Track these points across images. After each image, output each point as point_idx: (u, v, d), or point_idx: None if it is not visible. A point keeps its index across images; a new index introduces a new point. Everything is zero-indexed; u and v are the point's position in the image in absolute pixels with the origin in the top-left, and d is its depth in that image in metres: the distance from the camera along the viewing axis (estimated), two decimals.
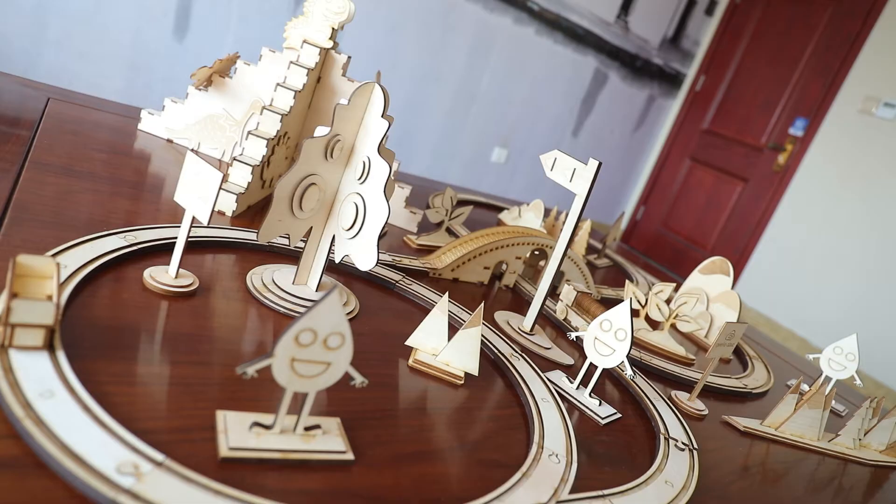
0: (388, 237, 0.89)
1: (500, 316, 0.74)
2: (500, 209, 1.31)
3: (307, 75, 0.83)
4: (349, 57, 0.90)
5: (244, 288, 0.59)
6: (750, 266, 3.70)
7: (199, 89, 0.91)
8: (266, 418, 0.40)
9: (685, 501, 0.49)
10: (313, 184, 0.55)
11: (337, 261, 0.59)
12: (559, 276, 0.91)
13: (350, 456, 0.40)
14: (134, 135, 0.92)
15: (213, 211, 0.51)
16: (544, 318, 0.81)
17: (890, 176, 3.18)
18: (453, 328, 0.64)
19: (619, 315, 0.58)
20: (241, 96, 0.91)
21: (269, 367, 0.36)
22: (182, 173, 0.53)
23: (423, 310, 0.68)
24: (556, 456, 0.48)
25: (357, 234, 0.56)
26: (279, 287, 0.59)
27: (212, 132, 0.93)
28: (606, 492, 0.46)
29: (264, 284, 0.59)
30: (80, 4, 2.20)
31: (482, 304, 0.55)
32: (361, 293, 0.67)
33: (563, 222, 1.12)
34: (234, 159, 0.75)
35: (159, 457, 0.34)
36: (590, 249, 1.29)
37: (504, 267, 0.85)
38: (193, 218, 0.52)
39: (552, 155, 0.70)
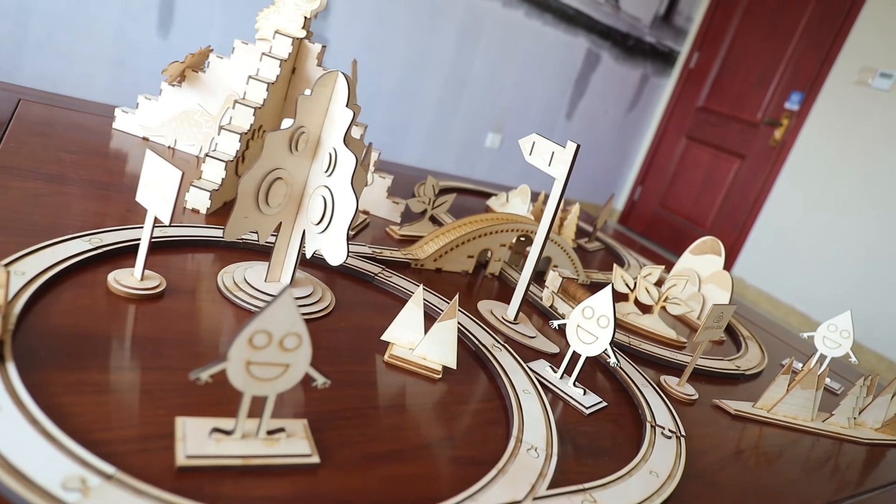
0: (371, 228, 0.88)
1: (484, 305, 0.72)
2: (489, 195, 1.29)
3: (280, 66, 0.81)
4: (324, 46, 0.88)
5: (216, 288, 0.57)
6: (749, 243, 3.68)
7: (173, 85, 0.89)
8: (227, 423, 0.38)
9: (670, 492, 0.47)
10: (279, 178, 0.54)
11: (308, 256, 0.57)
12: (546, 262, 0.89)
13: (315, 459, 0.39)
14: (109, 134, 0.90)
15: (174, 210, 0.49)
16: (530, 306, 0.80)
17: (887, 147, 3.14)
18: (434, 321, 0.62)
19: (601, 301, 0.57)
20: (216, 90, 0.89)
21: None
22: (142, 172, 0.51)
23: (404, 303, 0.67)
24: (535, 450, 0.46)
25: (326, 228, 0.54)
26: (251, 285, 0.57)
27: (188, 128, 0.91)
28: (587, 485, 0.45)
29: (235, 283, 0.57)
30: (61, 3, 2.17)
31: (457, 295, 0.54)
32: (339, 288, 0.65)
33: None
34: (207, 155, 0.74)
35: (110, 469, 0.32)
36: (581, 233, 1.27)
37: (489, 255, 0.84)
38: (156, 218, 0.50)
39: (530, 139, 0.68)
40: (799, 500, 0.56)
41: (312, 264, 0.68)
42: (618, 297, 0.86)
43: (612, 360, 0.56)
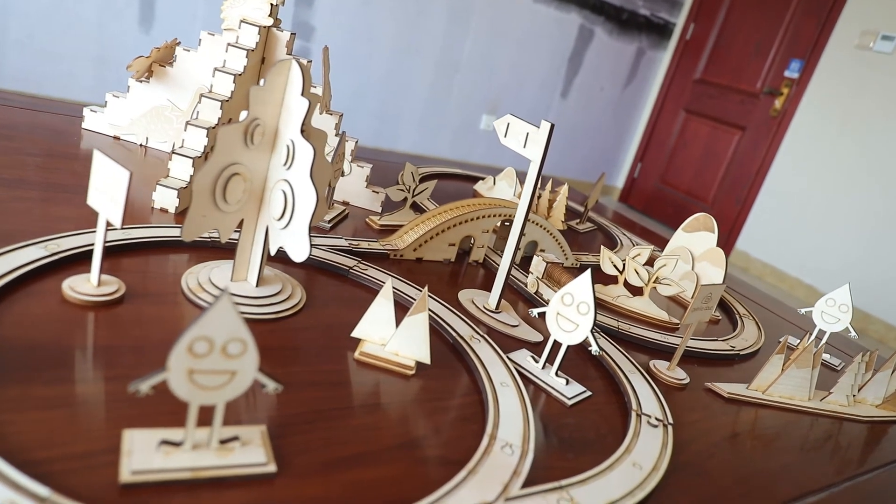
0: (351, 219, 0.85)
1: (465, 295, 0.70)
2: (478, 179, 1.27)
3: (247, 57, 0.78)
4: (293, 34, 0.85)
5: (179, 290, 0.55)
6: (752, 216, 3.63)
7: (141, 81, 0.87)
8: (176, 434, 0.36)
9: (654, 484, 0.45)
10: (236, 173, 0.51)
11: (272, 253, 0.55)
12: (532, 247, 0.87)
13: (272, 468, 0.37)
14: (78, 135, 0.88)
15: (124, 212, 0.47)
16: (516, 294, 0.78)
17: (890, 112, 3.09)
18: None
19: (580, 287, 0.54)
20: (185, 85, 0.86)
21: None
22: (91, 174, 0.49)
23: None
24: (510, 447, 0.44)
25: (288, 223, 0.52)
26: (216, 286, 0.55)
27: (158, 125, 0.88)
28: (564, 482, 0.43)
29: (200, 284, 0.55)
30: (41, 3, 2.14)
31: (426, 287, 0.52)
32: (311, 283, 0.63)
33: (540, 190, 1.07)
34: (173, 152, 0.71)
35: (44, 491, 0.31)
36: (573, 214, 1.24)
37: (472, 242, 0.81)
38: (109, 221, 0.48)
39: (504, 120, 0.65)
40: (793, 484, 0.54)
41: (285, 260, 0.66)
42: (607, 279, 0.84)
43: (594, 347, 0.54)
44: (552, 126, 0.60)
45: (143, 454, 0.35)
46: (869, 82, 3.17)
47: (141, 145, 0.90)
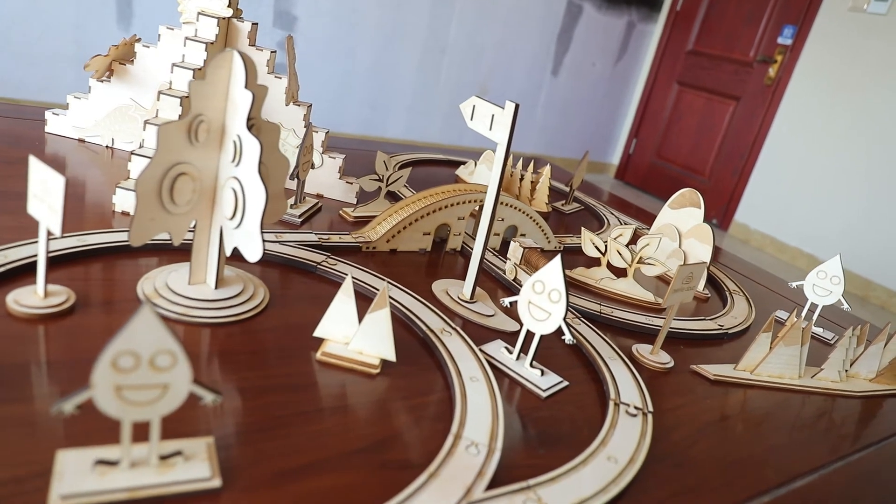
0: (325, 212, 0.83)
1: (439, 286, 0.68)
2: (460, 164, 1.24)
3: (206, 50, 0.76)
4: (254, 24, 0.82)
5: (135, 297, 0.53)
6: (750, 187, 3.59)
7: (102, 81, 0.84)
8: (112, 452, 0.35)
9: (629, 479, 0.43)
10: (183, 173, 0.49)
11: (228, 254, 0.53)
12: (512, 232, 0.84)
13: (216, 482, 0.35)
14: (41, 140, 0.85)
15: (64, 220, 0.45)
16: (494, 281, 0.75)
17: (886, 75, 3.04)
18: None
19: (551, 274, 0.52)
20: (147, 82, 0.84)
21: None
22: (29, 181, 0.47)
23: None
24: (476, 446, 0.42)
25: (241, 222, 0.50)
26: (173, 291, 0.53)
27: (123, 125, 0.86)
28: (533, 481, 0.41)
29: (156, 290, 0.53)
30: (14, 5, 2.11)
31: (385, 284, 0.49)
32: (277, 282, 0.61)
33: (522, 171, 1.05)
34: (133, 153, 0.69)
35: None
36: (559, 195, 1.22)
37: (449, 230, 0.79)
38: (50, 230, 0.46)
39: (470, 102, 0.62)
40: (780, 469, 0.52)
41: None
42: (590, 261, 0.81)
43: (568, 336, 0.52)
44: (517, 106, 0.57)
45: (76, 476, 0.33)
46: (864, 45, 3.12)
47: (107, 147, 0.87)
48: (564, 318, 0.51)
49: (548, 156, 3.85)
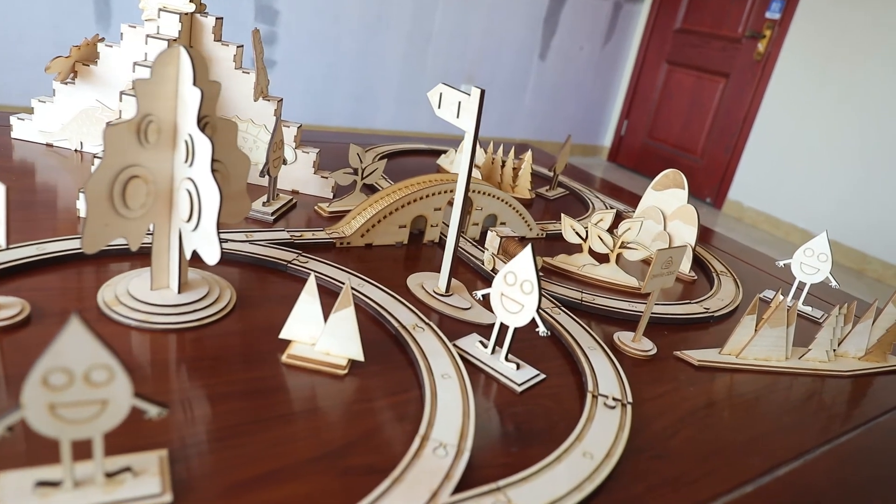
0: (301, 208, 0.81)
1: (415, 279, 0.66)
2: (441, 153, 1.22)
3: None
4: (219, 18, 0.80)
5: (95, 306, 0.51)
6: (742, 164, 3.57)
7: (66, 83, 0.82)
8: (54, 472, 0.33)
9: (605, 475, 0.42)
10: (135, 176, 0.47)
11: (188, 257, 0.51)
12: (492, 222, 0.83)
13: (167, 498, 0.34)
14: (8, 145, 0.83)
15: (8, 230, 0.43)
16: (473, 273, 0.74)
17: (874, 47, 3.01)
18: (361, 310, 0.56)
19: (522, 265, 0.51)
20: (112, 83, 0.82)
21: None
22: None
23: (324, 290, 0.61)
24: (444, 447, 0.41)
25: (197, 224, 0.48)
26: (134, 297, 0.52)
27: (91, 128, 0.84)
28: (503, 482, 0.39)
29: (117, 297, 0.52)
30: None
31: (348, 281, 0.48)
32: (246, 283, 0.60)
33: (503, 158, 1.03)
34: (95, 156, 0.67)
35: None
36: (544, 181, 1.20)
37: (425, 221, 0.77)
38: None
39: (437, 90, 0.61)
40: (765, 455, 0.51)
41: (220, 259, 0.62)
42: (572, 248, 0.80)
43: (542, 329, 0.50)
44: (482, 92, 0.55)
45: (16, 499, 0.32)
46: (852, 18, 3.08)
47: (76, 150, 0.85)
48: (538, 310, 0.50)
49: (538, 141, 3.82)
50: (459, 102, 0.58)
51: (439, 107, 0.60)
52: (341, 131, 3.11)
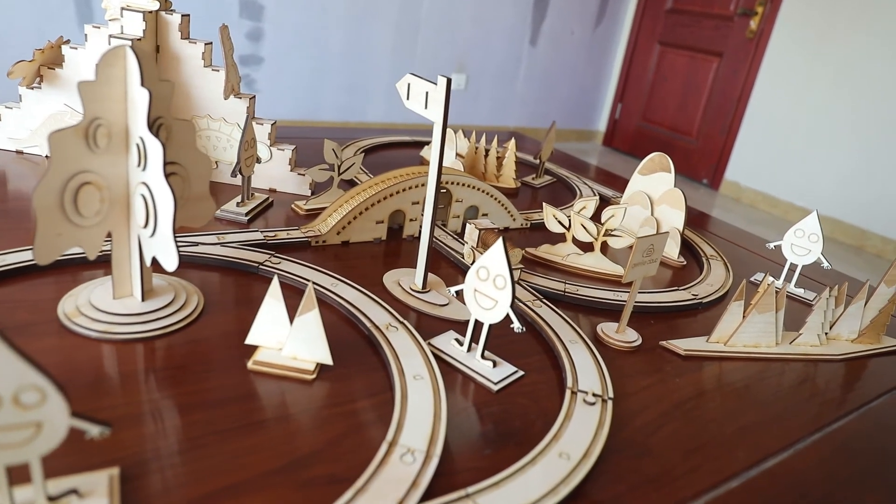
0: (278, 207, 0.80)
1: (391, 276, 0.65)
2: (424, 144, 1.20)
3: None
4: (185, 16, 0.77)
5: (55, 318, 0.50)
6: (739, 144, 3.54)
7: (32, 88, 0.80)
8: None
9: (582, 476, 0.40)
10: (86, 182, 0.45)
11: (147, 264, 0.49)
12: (473, 214, 0.81)
13: None
14: None
15: None
16: (455, 267, 0.72)
17: (867, 21, 2.96)
18: (332, 309, 0.55)
19: (493, 260, 0.49)
20: None
21: None
22: None
23: (297, 291, 0.59)
24: (412, 453, 0.39)
25: (154, 230, 0.46)
26: (96, 308, 0.50)
27: None
28: (472, 488, 0.38)
29: (78, 309, 0.50)
30: None
31: (311, 283, 0.46)
32: (215, 287, 0.58)
33: (486, 147, 1.01)
34: None
35: None
36: (531, 170, 1.18)
37: (404, 216, 0.75)
38: None
39: (405, 80, 0.59)
40: (753, 448, 0.49)
41: (189, 264, 0.61)
42: (555, 238, 0.78)
43: (516, 325, 0.48)
44: (449, 81, 0.53)
45: None
46: None
47: (46, 157, 0.83)
48: (511, 305, 0.48)
49: (532, 128, 3.79)
50: (427, 92, 0.56)
51: (408, 98, 0.58)
52: (332, 126, 3.08)
